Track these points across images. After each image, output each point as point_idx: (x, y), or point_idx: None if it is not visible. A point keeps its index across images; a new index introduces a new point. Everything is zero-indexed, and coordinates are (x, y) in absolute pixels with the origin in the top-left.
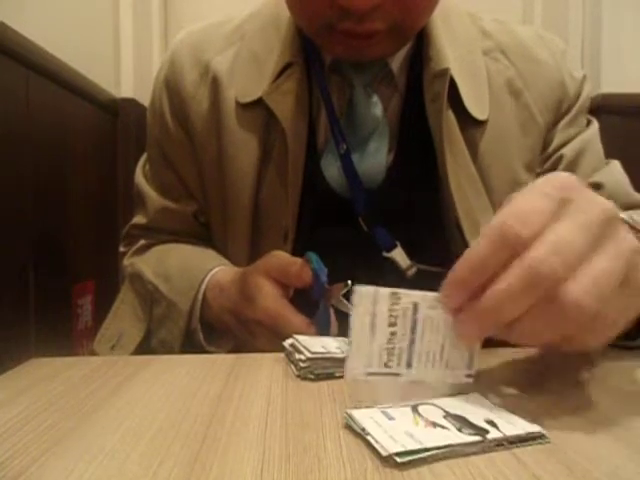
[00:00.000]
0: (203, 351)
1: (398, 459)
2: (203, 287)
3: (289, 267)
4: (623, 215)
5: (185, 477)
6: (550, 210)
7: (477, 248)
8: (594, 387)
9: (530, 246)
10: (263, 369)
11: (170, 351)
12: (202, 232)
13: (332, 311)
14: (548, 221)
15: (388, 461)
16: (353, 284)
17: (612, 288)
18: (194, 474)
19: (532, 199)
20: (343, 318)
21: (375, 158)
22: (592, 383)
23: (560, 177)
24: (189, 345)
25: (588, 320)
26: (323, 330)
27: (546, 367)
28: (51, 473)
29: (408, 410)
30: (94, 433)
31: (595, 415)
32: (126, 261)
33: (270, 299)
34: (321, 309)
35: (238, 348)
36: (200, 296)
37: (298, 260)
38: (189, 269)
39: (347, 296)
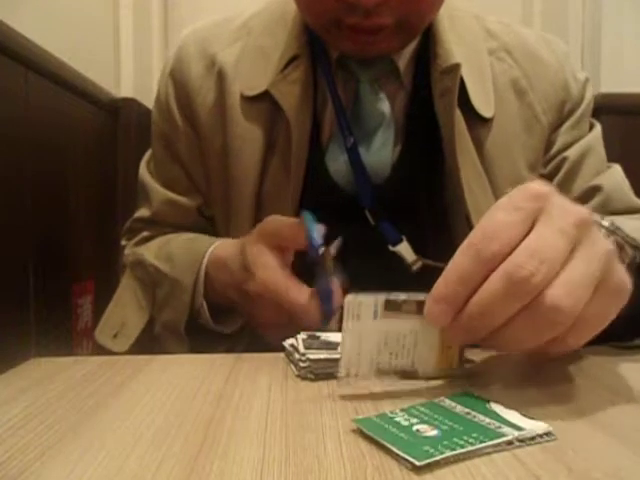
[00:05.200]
0: (204, 351)
1: (417, 462)
2: (205, 260)
3: (282, 229)
4: (604, 222)
5: (185, 477)
6: (522, 222)
7: (456, 266)
8: (594, 387)
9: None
10: (263, 369)
11: (175, 333)
12: (206, 226)
13: (334, 277)
14: (520, 232)
15: (395, 462)
16: (344, 242)
17: (589, 290)
18: (194, 474)
19: (502, 214)
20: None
21: (381, 153)
22: (592, 383)
23: (531, 187)
24: (195, 329)
25: (569, 322)
26: (326, 298)
27: (545, 368)
28: (51, 473)
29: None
30: (94, 433)
31: (595, 415)
32: (127, 251)
33: (268, 270)
34: (319, 274)
35: (247, 324)
36: (203, 270)
37: (292, 221)
38: (191, 247)
39: (341, 255)
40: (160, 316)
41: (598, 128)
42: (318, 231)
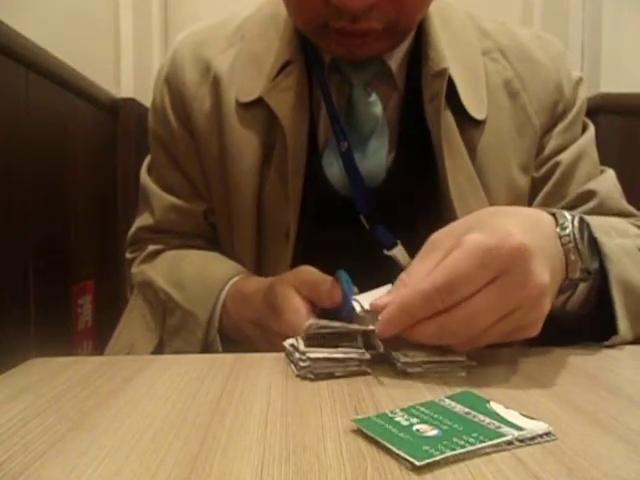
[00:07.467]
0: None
1: (417, 462)
2: (223, 296)
3: (319, 285)
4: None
5: (185, 477)
6: (483, 279)
7: (410, 298)
8: (594, 387)
9: (451, 309)
10: (263, 369)
11: None
12: (211, 232)
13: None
14: (477, 288)
15: (393, 461)
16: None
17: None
18: (194, 474)
19: (470, 268)
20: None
21: (375, 157)
22: (592, 383)
23: (507, 246)
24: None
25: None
26: None
27: (545, 368)
28: (51, 473)
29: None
30: (94, 433)
31: (595, 415)
32: (134, 269)
33: (297, 315)
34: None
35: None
36: (219, 306)
37: (328, 278)
38: (205, 277)
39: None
40: (171, 343)
41: (591, 130)
42: (354, 293)
